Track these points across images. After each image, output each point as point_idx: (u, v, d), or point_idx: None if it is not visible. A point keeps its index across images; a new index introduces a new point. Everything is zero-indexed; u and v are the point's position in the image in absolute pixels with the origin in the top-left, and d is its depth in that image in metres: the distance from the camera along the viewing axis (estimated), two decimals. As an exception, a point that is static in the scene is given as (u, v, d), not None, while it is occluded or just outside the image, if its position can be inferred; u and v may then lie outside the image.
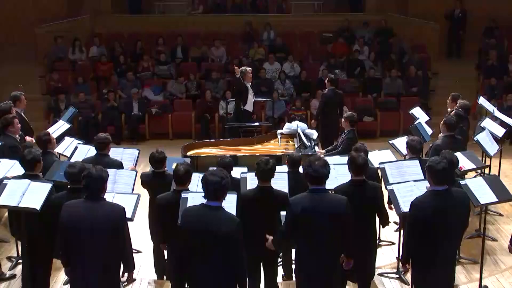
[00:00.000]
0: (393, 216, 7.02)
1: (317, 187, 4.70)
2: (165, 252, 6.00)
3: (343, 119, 8.36)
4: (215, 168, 4.97)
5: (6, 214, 7.82)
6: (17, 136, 7.58)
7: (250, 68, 10.43)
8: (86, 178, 4.54)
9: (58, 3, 15.55)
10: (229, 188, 4.61)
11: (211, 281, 4.48)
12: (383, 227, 5.91)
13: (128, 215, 5.33)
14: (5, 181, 5.73)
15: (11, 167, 6.75)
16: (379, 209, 5.34)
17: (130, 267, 4.84)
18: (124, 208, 4.66)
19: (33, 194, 5.47)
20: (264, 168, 5.28)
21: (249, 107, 10.25)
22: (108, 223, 4.49)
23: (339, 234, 4.75)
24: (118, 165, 6.61)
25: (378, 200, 5.33)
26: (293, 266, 5.15)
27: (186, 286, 5.16)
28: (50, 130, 8.35)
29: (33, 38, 15.01)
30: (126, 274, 4.84)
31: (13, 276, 6.58)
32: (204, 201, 4.48)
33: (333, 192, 5.32)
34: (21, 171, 6.09)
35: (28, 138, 7.87)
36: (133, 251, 7.06)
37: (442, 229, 4.72)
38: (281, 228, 4.87)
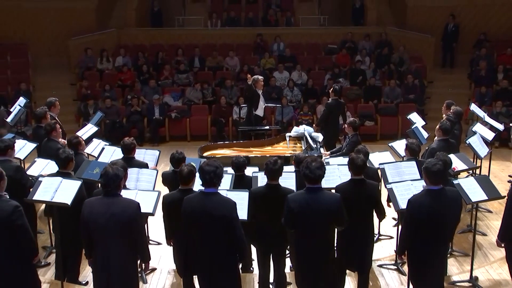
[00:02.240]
0: (391, 212, 7.04)
1: (313, 186, 4.74)
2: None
3: (346, 125, 8.33)
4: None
5: (42, 207, 7.90)
6: (60, 139, 7.65)
7: (261, 77, 10.45)
8: (103, 176, 4.53)
9: (89, 18, 15.61)
10: (223, 176, 4.69)
11: (214, 260, 4.56)
12: (380, 221, 5.90)
13: (150, 210, 5.36)
14: (40, 178, 5.78)
15: (46, 165, 6.83)
16: (377, 205, 5.34)
17: (146, 258, 4.80)
18: (138, 204, 4.63)
19: (65, 191, 5.49)
20: (272, 167, 5.28)
21: (260, 112, 10.27)
22: (124, 217, 4.46)
23: (333, 228, 4.87)
24: (144, 166, 6.62)
25: (375, 197, 5.34)
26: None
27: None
28: (79, 132, 8.44)
29: (66, 49, 15.17)
30: (143, 265, 4.84)
31: (47, 264, 6.65)
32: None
33: (334, 190, 5.33)
34: (55, 169, 6.16)
35: (61, 140, 7.93)
36: (154, 242, 7.23)
37: (436, 225, 4.75)
38: (282, 222, 4.93)
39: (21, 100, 10.15)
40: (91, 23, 15.64)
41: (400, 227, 5.56)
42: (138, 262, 4.84)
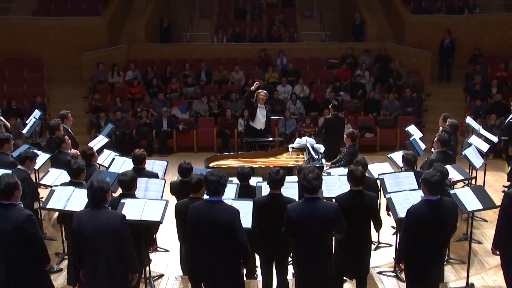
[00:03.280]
0: (390, 221, 7.02)
1: (311, 196, 4.74)
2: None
3: (345, 136, 8.33)
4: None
5: (55, 216, 7.91)
6: (71, 150, 7.68)
7: (264, 92, 10.39)
8: (89, 190, 4.50)
9: (100, 35, 15.74)
10: (226, 185, 4.70)
11: (218, 265, 4.56)
12: (376, 231, 5.86)
13: (158, 218, 5.35)
14: (53, 188, 5.79)
15: (59, 175, 6.86)
16: (374, 215, 5.33)
17: (132, 269, 4.67)
18: (124, 216, 4.59)
19: (76, 199, 5.52)
20: (274, 177, 5.27)
21: (257, 124, 10.18)
22: (109, 229, 4.42)
23: (331, 236, 4.87)
24: (154, 177, 6.61)
25: (373, 208, 5.33)
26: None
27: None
28: (91, 143, 8.46)
29: (79, 64, 15.26)
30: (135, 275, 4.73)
31: (60, 270, 6.64)
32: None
33: (334, 199, 5.32)
34: (67, 179, 6.18)
35: (73, 151, 7.96)
36: (162, 249, 7.22)
37: (433, 233, 4.75)
38: (282, 231, 4.93)
39: (36, 113, 10.21)
40: (103, 39, 15.76)
41: (398, 235, 5.55)
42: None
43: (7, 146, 6.98)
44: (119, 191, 5.55)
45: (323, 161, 8.56)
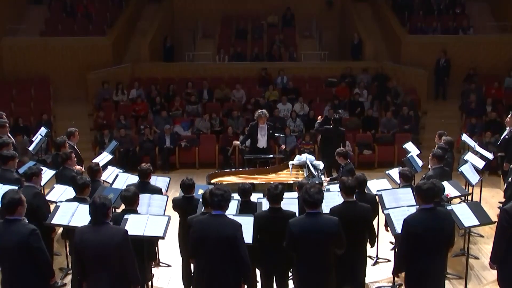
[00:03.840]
0: (389, 236, 6.99)
1: (313, 211, 4.73)
2: (192, 265, 5.97)
3: (336, 157, 8.05)
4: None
5: (60, 231, 7.87)
6: (76, 167, 7.68)
7: (264, 112, 10.35)
8: (91, 206, 4.48)
9: (106, 54, 15.83)
10: (230, 200, 4.72)
11: (219, 279, 4.54)
12: (371, 246, 5.79)
13: (160, 234, 5.32)
14: (58, 203, 5.78)
15: (64, 191, 6.85)
16: (368, 227, 5.30)
17: (134, 282, 4.63)
18: (126, 231, 4.57)
19: (81, 215, 5.49)
20: (273, 192, 5.27)
21: (260, 144, 10.26)
22: (112, 245, 4.39)
23: (333, 250, 4.82)
24: (159, 191, 6.62)
25: (367, 218, 5.30)
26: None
27: None
28: (96, 160, 8.46)
29: (84, 82, 15.31)
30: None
31: (64, 285, 6.61)
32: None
33: (328, 211, 5.30)
34: (72, 195, 6.17)
35: (77, 167, 7.96)
36: (164, 265, 7.18)
37: (431, 240, 4.72)
38: (284, 245, 4.91)
39: (42, 130, 10.23)
40: (108, 58, 15.85)
41: (397, 250, 5.52)
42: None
43: (11, 164, 6.98)
44: (122, 206, 5.54)
45: (323, 177, 8.55)
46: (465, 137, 10.27)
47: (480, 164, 8.90)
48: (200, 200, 6.02)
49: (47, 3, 17.91)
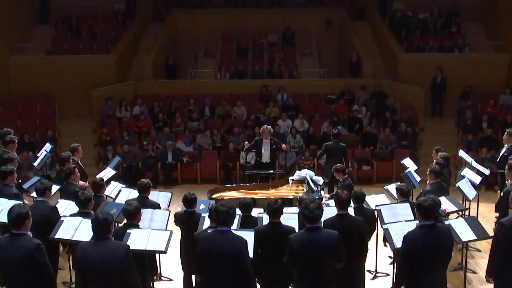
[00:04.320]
0: (387, 250, 6.96)
1: (312, 225, 4.71)
2: (193, 280, 5.95)
3: (334, 172, 8.14)
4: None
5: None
6: (79, 182, 7.69)
7: (269, 127, 10.46)
8: (93, 221, 4.44)
9: (109, 72, 15.91)
10: (235, 216, 4.69)
11: None
12: (361, 260, 5.74)
13: (162, 248, 5.32)
14: (62, 218, 5.78)
15: (67, 206, 6.85)
16: (360, 238, 5.28)
17: None
18: (128, 246, 4.52)
19: (84, 230, 5.50)
20: (273, 206, 5.27)
21: (264, 158, 10.30)
22: (114, 260, 4.34)
23: (332, 264, 4.78)
24: (156, 206, 6.62)
25: (360, 231, 5.28)
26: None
27: None
28: (99, 175, 8.47)
29: (89, 100, 15.37)
30: None
31: (66, 299, 6.58)
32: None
33: (322, 223, 5.28)
34: (75, 210, 6.17)
35: (81, 182, 7.97)
36: (166, 279, 7.15)
37: (430, 257, 4.69)
38: (284, 260, 4.89)
39: (47, 146, 10.25)
40: (112, 76, 15.93)
41: (395, 264, 5.49)
42: None
43: (10, 179, 6.97)
44: (125, 221, 5.53)
45: (322, 192, 8.55)
46: (462, 153, 10.29)
47: (477, 179, 8.90)
48: (202, 214, 6.04)
49: (53, 23, 18.09)
